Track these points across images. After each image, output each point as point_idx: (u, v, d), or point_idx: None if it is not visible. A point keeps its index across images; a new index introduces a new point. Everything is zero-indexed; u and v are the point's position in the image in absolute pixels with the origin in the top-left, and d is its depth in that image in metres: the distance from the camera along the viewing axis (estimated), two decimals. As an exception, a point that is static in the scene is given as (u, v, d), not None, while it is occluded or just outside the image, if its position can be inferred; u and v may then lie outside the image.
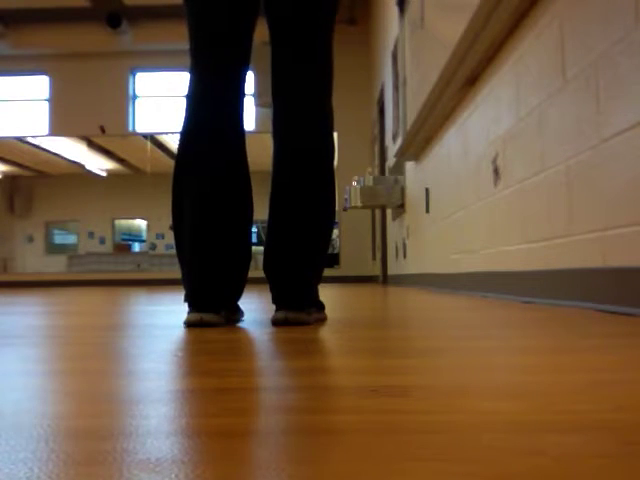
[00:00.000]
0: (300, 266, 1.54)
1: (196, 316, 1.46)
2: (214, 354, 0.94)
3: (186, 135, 1.59)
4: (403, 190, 6.13)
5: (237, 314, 1.63)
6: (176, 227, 1.59)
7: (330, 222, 1.61)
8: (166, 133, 10.66)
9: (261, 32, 1.77)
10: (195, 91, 1.60)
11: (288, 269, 1.53)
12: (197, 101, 1.60)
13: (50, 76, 10.51)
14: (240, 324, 1.53)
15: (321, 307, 1.63)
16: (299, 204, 1.55)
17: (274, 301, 1.53)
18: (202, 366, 0.82)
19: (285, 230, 1.55)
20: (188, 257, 1.53)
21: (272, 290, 1.55)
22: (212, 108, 1.59)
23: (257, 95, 9.09)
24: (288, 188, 1.56)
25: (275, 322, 1.47)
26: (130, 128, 10.53)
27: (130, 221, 11.37)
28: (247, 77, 1.65)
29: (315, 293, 1.59)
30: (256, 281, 9.99)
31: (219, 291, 1.52)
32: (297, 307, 1.48)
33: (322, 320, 1.58)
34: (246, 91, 1.65)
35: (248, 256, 1.62)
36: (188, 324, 1.47)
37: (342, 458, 0.40)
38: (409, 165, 5.78)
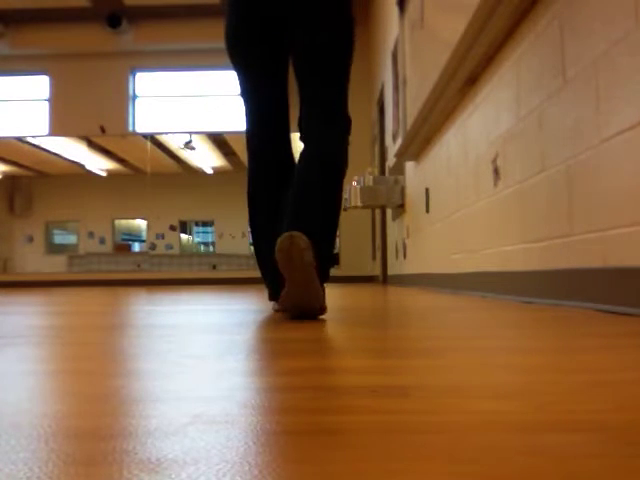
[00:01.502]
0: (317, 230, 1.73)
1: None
2: (213, 354, 0.94)
3: (246, 134, 2.04)
4: (403, 190, 6.13)
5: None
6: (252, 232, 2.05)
7: (338, 209, 1.84)
8: (166, 133, 10.66)
9: None
10: (242, 89, 2.03)
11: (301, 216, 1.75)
12: (246, 99, 2.02)
13: (50, 76, 10.51)
14: (240, 323, 1.53)
15: (325, 279, 1.76)
16: (319, 194, 1.81)
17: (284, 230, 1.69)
18: (201, 366, 0.82)
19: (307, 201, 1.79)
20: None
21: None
22: (258, 105, 2.01)
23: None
24: (310, 180, 1.83)
25: (281, 244, 1.54)
26: (130, 128, 10.53)
27: (130, 221, 11.38)
28: (286, 77, 2.03)
29: (326, 268, 1.76)
30: (256, 281, 9.92)
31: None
32: (301, 230, 1.60)
33: (323, 298, 1.64)
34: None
35: None
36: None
37: (342, 458, 0.40)
38: (409, 165, 5.78)
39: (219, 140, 10.74)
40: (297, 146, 1.91)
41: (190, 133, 10.62)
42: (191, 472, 0.37)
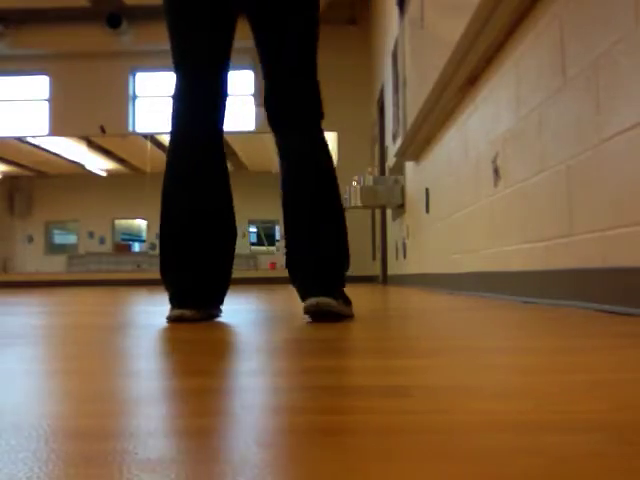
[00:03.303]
0: (324, 256, 1.61)
1: (177, 312, 1.58)
2: (213, 354, 0.94)
3: (170, 136, 1.85)
4: (403, 190, 6.13)
5: (217, 310, 1.73)
6: (162, 233, 1.76)
7: (340, 213, 1.68)
8: (166, 133, 10.64)
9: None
10: (176, 92, 1.83)
11: (313, 262, 1.60)
12: (177, 101, 1.84)
13: (50, 76, 10.51)
14: (240, 324, 1.53)
15: (348, 302, 1.65)
16: (310, 205, 1.63)
17: (304, 294, 1.58)
18: (202, 366, 0.82)
19: (303, 230, 1.63)
20: (174, 265, 1.68)
21: (299, 287, 1.61)
22: (189, 108, 1.81)
23: (257, 95, 9.08)
24: (298, 192, 1.65)
25: (307, 309, 1.50)
26: (130, 128, 10.53)
27: (130, 221, 11.38)
28: (227, 78, 1.82)
29: (341, 283, 1.64)
30: (256, 281, 9.91)
31: (199, 291, 1.67)
32: (325, 293, 1.52)
33: (349, 316, 1.61)
34: (229, 91, 1.84)
35: (230, 267, 1.79)
36: (170, 319, 1.58)
37: (342, 458, 0.40)
38: (409, 165, 5.78)
39: (219, 140, 10.73)
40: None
41: (190, 133, 10.60)
42: (191, 472, 0.37)
